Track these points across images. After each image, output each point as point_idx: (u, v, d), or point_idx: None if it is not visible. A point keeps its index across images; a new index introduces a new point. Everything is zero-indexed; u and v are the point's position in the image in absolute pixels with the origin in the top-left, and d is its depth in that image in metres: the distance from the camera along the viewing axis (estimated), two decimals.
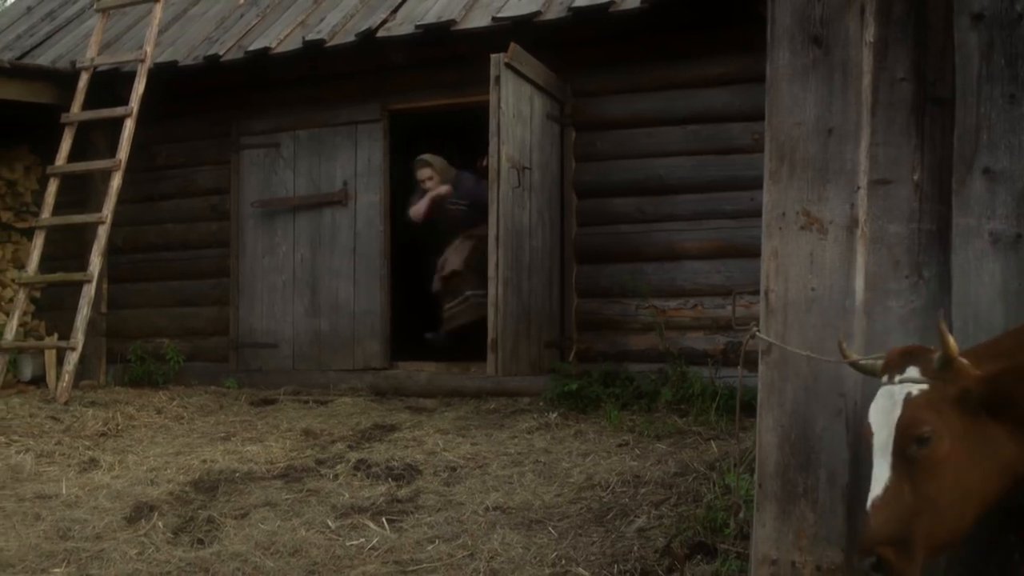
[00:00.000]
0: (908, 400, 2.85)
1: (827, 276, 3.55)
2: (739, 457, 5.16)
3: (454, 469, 6.31)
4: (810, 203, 3.58)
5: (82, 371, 9.70)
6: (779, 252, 3.63)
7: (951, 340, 2.81)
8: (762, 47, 3.75)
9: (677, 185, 8.43)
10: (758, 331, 3.60)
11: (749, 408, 3.80)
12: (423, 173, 9.32)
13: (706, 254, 8.31)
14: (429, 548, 4.93)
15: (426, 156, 9.47)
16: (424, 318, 10.36)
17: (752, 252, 7.78)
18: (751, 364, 3.76)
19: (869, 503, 2.82)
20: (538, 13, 8.38)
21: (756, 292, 3.75)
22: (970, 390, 2.79)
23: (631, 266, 8.50)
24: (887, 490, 2.79)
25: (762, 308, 3.66)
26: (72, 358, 8.95)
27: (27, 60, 11.31)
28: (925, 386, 2.84)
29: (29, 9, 13.29)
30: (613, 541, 4.89)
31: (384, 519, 5.37)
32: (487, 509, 5.46)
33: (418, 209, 9.45)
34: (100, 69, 10.20)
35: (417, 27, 8.78)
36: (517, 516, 5.33)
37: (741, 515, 4.42)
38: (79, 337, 9.03)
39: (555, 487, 5.81)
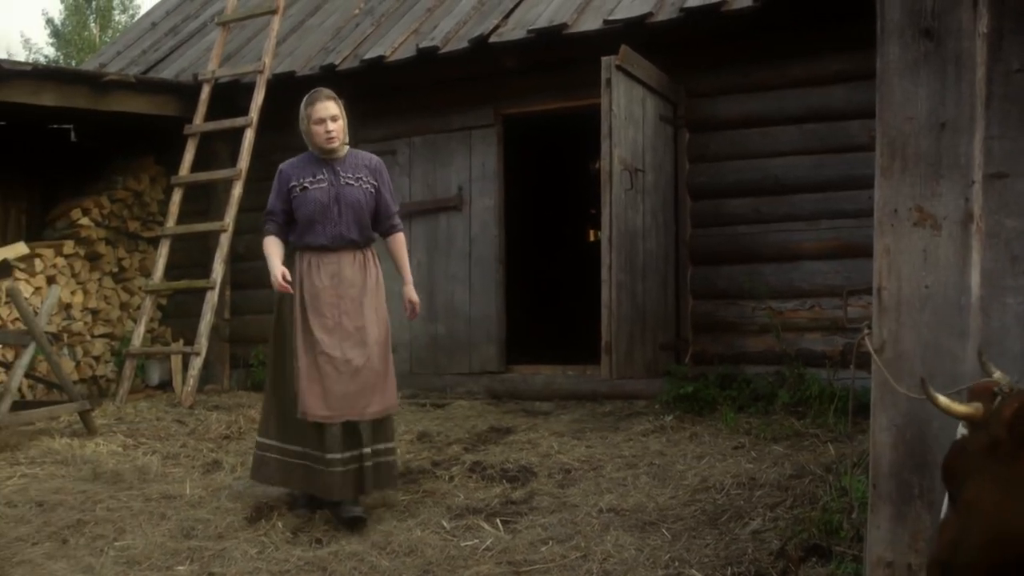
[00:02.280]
0: (951, 446, 2.87)
1: (941, 273, 3.48)
2: (855, 458, 5.08)
3: (568, 471, 6.32)
4: (923, 199, 3.52)
5: (206, 376, 9.93)
6: (891, 249, 3.57)
7: (997, 375, 2.78)
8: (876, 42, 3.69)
9: (794, 185, 8.32)
10: (870, 330, 3.54)
11: (867, 409, 3.75)
12: (330, 109, 5.55)
13: (824, 254, 8.19)
14: (543, 549, 4.93)
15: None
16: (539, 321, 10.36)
17: (871, 251, 7.70)
18: (867, 365, 3.71)
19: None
20: (649, 15, 8.36)
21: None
22: (999, 439, 2.71)
23: (747, 267, 8.42)
24: (945, 519, 2.86)
25: (875, 306, 3.60)
26: (196, 363, 9.18)
27: (152, 74, 11.64)
28: (965, 432, 2.82)
29: (154, 24, 13.67)
30: (727, 543, 4.85)
31: (498, 520, 5.39)
32: (601, 511, 5.46)
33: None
34: (221, 81, 10.46)
35: (529, 32, 8.82)
36: (631, 518, 5.31)
37: (855, 516, 4.35)
38: (203, 343, 9.25)
39: (669, 489, 5.79)
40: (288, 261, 5.54)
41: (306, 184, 5.51)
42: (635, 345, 7.84)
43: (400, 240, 5.85)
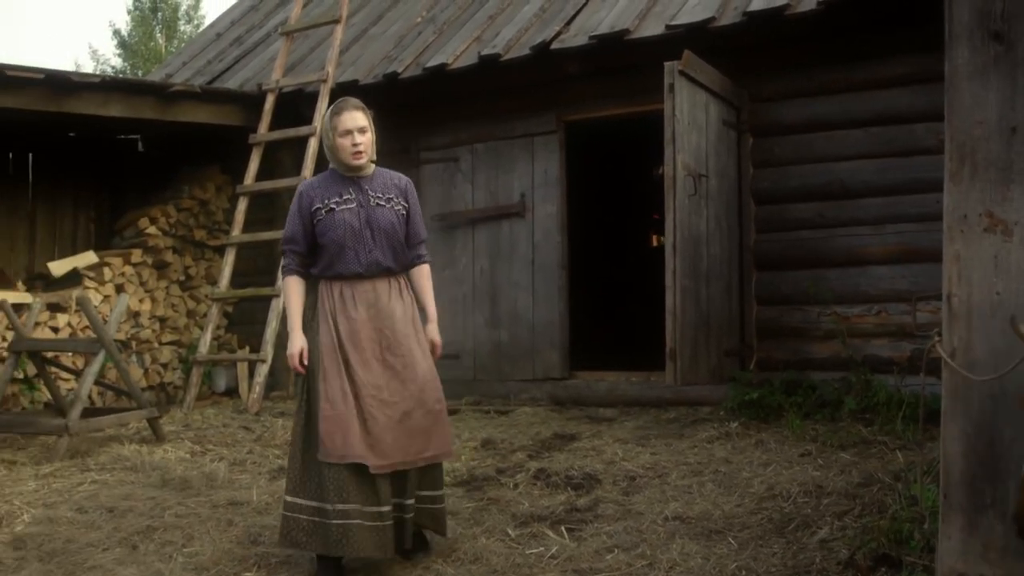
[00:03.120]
0: None
1: (1013, 279, 3.42)
2: (925, 466, 5.01)
3: (633, 478, 6.28)
4: (993, 204, 3.46)
5: (271, 382, 10.01)
6: (961, 255, 3.51)
7: None
8: (943, 45, 3.64)
9: (859, 189, 8.26)
10: (940, 338, 3.49)
11: (937, 417, 3.69)
12: (357, 120, 4.85)
13: (890, 259, 8.12)
14: (608, 557, 4.90)
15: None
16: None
17: (939, 256, 7.57)
18: (937, 371, 3.66)
19: None
20: (712, 19, 8.33)
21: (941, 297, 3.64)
22: None
23: (812, 272, 8.36)
24: None
25: (944, 313, 3.55)
26: (262, 370, 9.26)
27: (217, 84, 11.76)
28: None
29: (219, 35, 13.82)
30: (794, 552, 4.79)
31: (563, 528, 5.37)
32: (666, 519, 5.42)
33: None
34: (285, 90, 10.56)
35: (591, 38, 8.82)
36: (696, 526, 5.27)
37: (926, 526, 4.29)
38: (268, 350, 9.33)
39: (735, 497, 5.74)
40: (311, 296, 4.91)
41: (332, 206, 4.80)
42: (700, 351, 7.80)
43: (426, 272, 5.08)
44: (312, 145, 9.92)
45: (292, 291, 4.92)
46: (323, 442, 4.63)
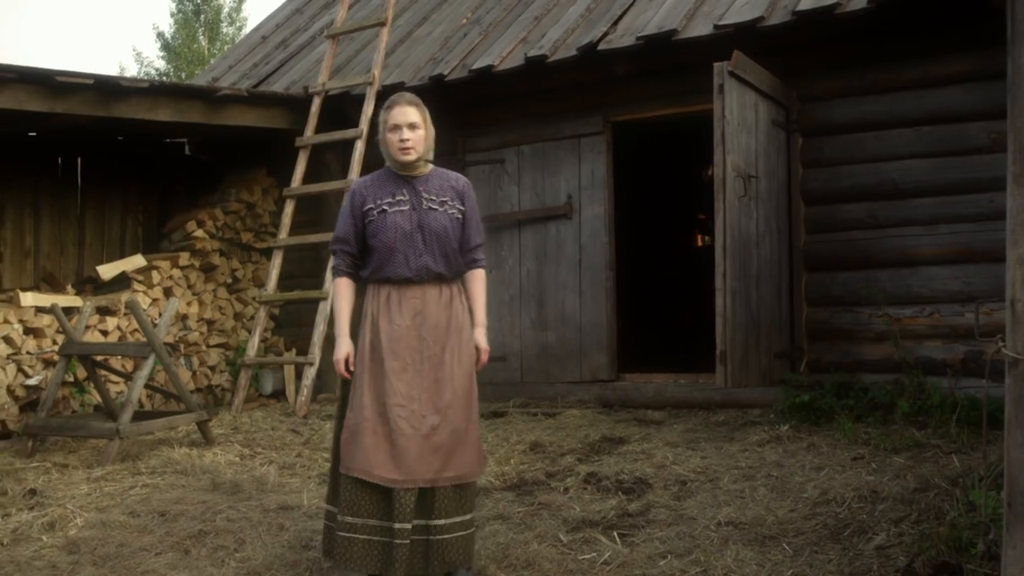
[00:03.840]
0: None
1: None
2: (985, 472, 4.93)
3: (684, 483, 6.24)
4: None
5: (318, 385, 10.03)
6: None
7: None
8: (998, 43, 3.57)
9: (911, 189, 8.16)
10: (1004, 345, 3.42)
11: (993, 420, 3.63)
12: (408, 115, 4.67)
13: (943, 259, 8.03)
14: (661, 563, 4.87)
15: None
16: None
17: (993, 256, 7.51)
18: (995, 374, 3.59)
19: None
20: (761, 19, 8.26)
21: (998, 299, 3.57)
22: None
23: (863, 273, 8.29)
24: None
25: (1008, 318, 3.48)
26: (310, 373, 9.28)
27: (263, 87, 11.82)
28: None
29: (264, 38, 13.88)
30: (851, 559, 4.73)
31: (615, 533, 5.33)
32: (719, 524, 5.37)
33: None
34: (331, 93, 10.58)
35: (638, 38, 8.77)
36: (750, 532, 5.22)
37: (991, 536, 4.22)
38: (316, 352, 9.36)
39: (789, 502, 5.68)
40: (359, 299, 4.77)
41: (384, 206, 4.64)
42: (750, 354, 7.74)
43: (480, 277, 4.86)
44: (359, 148, 9.94)
45: (341, 293, 4.81)
46: (341, 451, 4.58)
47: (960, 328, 7.88)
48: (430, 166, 4.74)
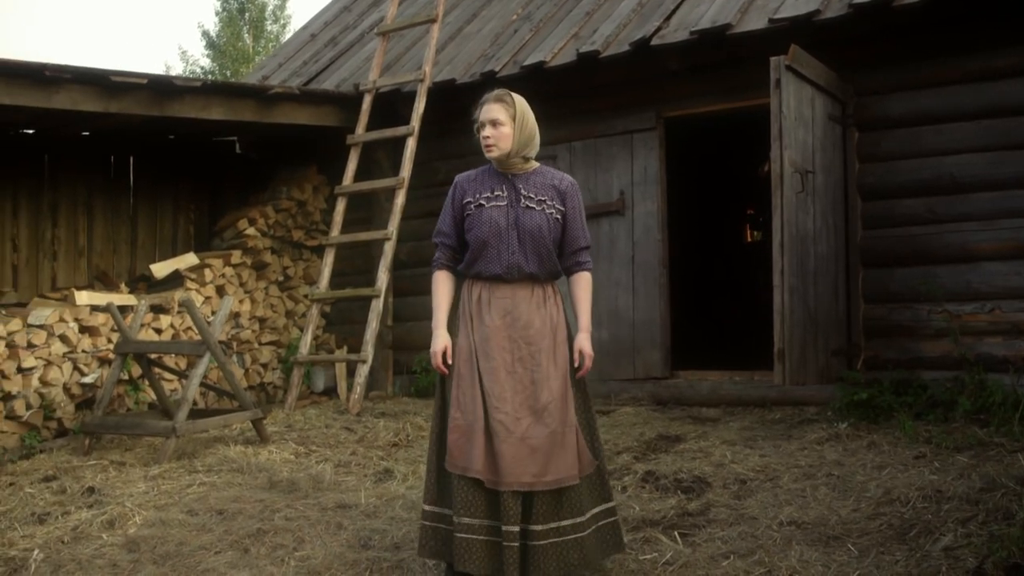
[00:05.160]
0: None
1: None
2: None
3: (744, 482, 6.18)
4: None
5: (370, 382, 10.03)
6: None
7: None
8: None
9: (970, 183, 8.05)
10: None
11: None
12: (491, 112, 4.68)
13: (1004, 255, 7.91)
14: (724, 564, 4.82)
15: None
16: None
17: None
18: None
19: None
20: (817, 12, 8.17)
21: None
22: None
23: (921, 269, 8.18)
24: None
25: None
26: (363, 370, 9.28)
27: (313, 85, 11.85)
28: None
29: (313, 36, 13.91)
30: (918, 560, 4.66)
31: (676, 533, 5.29)
32: (781, 524, 5.32)
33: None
34: (382, 91, 10.57)
35: (692, 33, 8.70)
36: (813, 532, 5.16)
37: None
38: (369, 350, 9.36)
39: (851, 502, 5.61)
40: (456, 294, 4.77)
41: (482, 201, 4.64)
42: (808, 351, 7.66)
43: (584, 281, 4.79)
44: (410, 145, 9.93)
45: (439, 286, 4.79)
46: (450, 451, 4.50)
47: (1021, 324, 7.76)
48: (534, 164, 4.73)
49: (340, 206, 10.33)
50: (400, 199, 9.82)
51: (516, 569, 4.34)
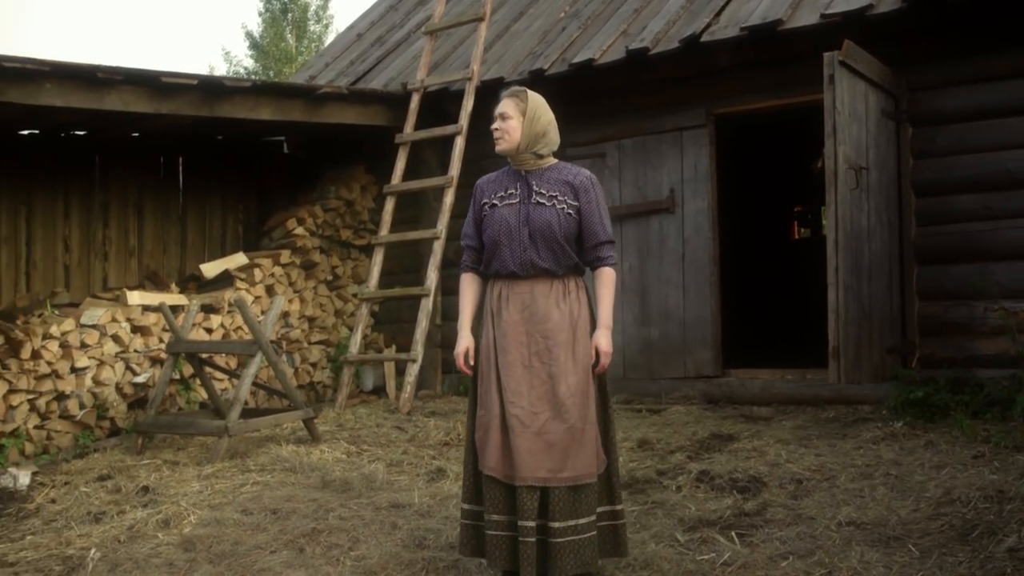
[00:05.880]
0: None
1: None
2: None
3: (800, 481, 6.12)
4: None
5: (419, 381, 10.02)
6: None
7: None
8: None
9: None
10: None
11: None
12: (502, 106, 4.78)
13: None
14: (783, 564, 4.77)
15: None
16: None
17: None
18: None
19: None
20: (870, 6, 8.09)
21: None
22: None
23: (977, 266, 8.07)
24: None
25: None
26: (413, 370, 9.28)
27: (360, 85, 11.86)
28: None
29: (359, 36, 13.92)
30: (982, 562, 4.59)
31: (733, 533, 5.24)
32: (840, 524, 5.26)
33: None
34: (430, 89, 10.57)
35: (742, 29, 8.63)
36: (873, 532, 5.10)
37: None
38: (419, 349, 9.35)
39: (910, 502, 5.54)
40: (483, 295, 4.83)
41: (495, 201, 4.70)
42: (863, 349, 7.58)
43: (605, 276, 4.72)
44: (459, 143, 9.92)
45: (464, 288, 4.88)
46: (478, 449, 4.57)
47: None
48: (550, 161, 4.76)
49: (389, 205, 10.34)
50: (449, 198, 9.82)
51: (533, 565, 4.34)
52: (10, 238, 9.87)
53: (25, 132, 10.06)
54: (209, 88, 9.00)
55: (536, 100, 4.72)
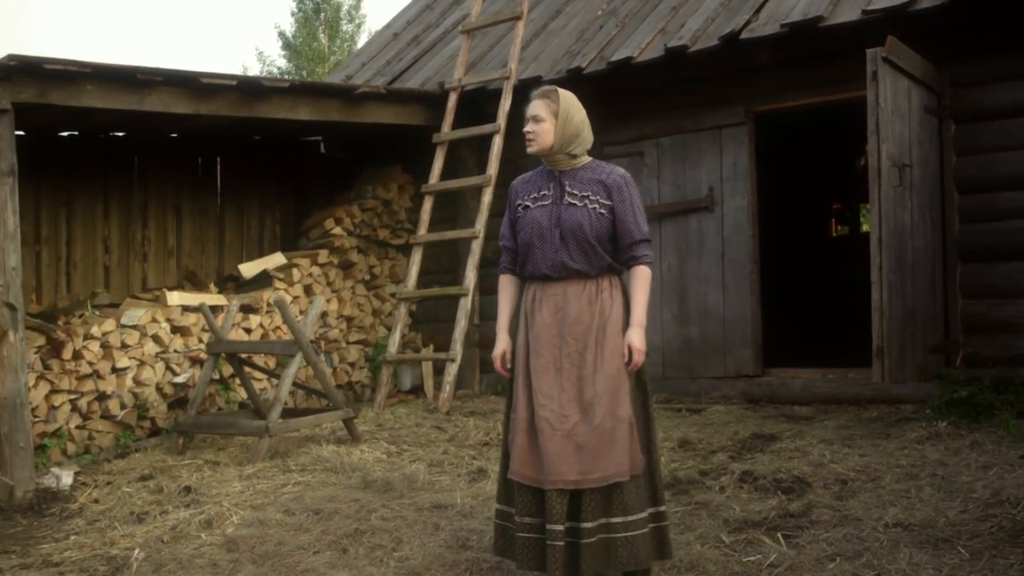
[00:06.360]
0: None
1: None
2: None
3: (845, 482, 6.07)
4: None
5: (458, 381, 10.01)
6: None
7: None
8: None
9: None
10: None
11: None
12: (533, 108, 4.68)
13: None
14: (831, 566, 4.73)
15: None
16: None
17: None
18: None
19: None
20: (912, 2, 8.01)
21: None
22: None
23: (1022, 263, 7.97)
24: None
25: None
26: (452, 369, 9.27)
27: (397, 84, 11.87)
28: None
29: (395, 35, 13.93)
30: None
31: (779, 534, 5.20)
32: (887, 525, 5.20)
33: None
34: (467, 88, 10.55)
35: (783, 26, 8.56)
36: (921, 534, 5.04)
37: None
38: (457, 348, 9.35)
39: (958, 503, 5.48)
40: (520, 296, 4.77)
41: (528, 203, 4.65)
42: (906, 348, 7.51)
43: (640, 274, 4.62)
44: (496, 143, 9.91)
45: (502, 290, 4.85)
46: (509, 452, 4.56)
47: None
48: (584, 160, 4.67)
49: (427, 204, 10.33)
50: (488, 197, 9.80)
51: (560, 568, 4.28)
52: (51, 239, 9.95)
53: (65, 134, 10.12)
54: (248, 88, 9.02)
55: (568, 100, 4.64)
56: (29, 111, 7.80)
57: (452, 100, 10.50)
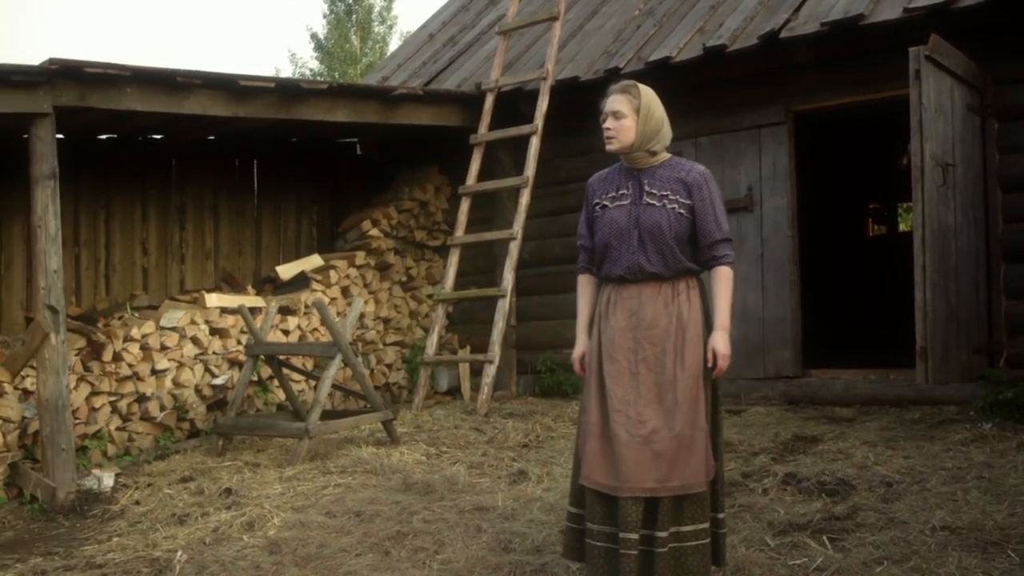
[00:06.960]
0: None
1: None
2: None
3: (890, 484, 6.00)
4: None
5: (495, 382, 9.98)
6: None
7: None
8: None
9: None
10: None
11: None
12: (613, 103, 4.55)
13: None
14: (878, 570, 4.68)
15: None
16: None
17: None
18: None
19: None
20: (955, 0, 7.92)
21: None
22: None
23: None
24: None
25: None
26: (490, 371, 9.26)
27: (433, 85, 11.87)
28: None
29: (431, 36, 13.93)
30: None
31: (825, 537, 5.15)
32: (934, 529, 5.14)
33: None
34: (504, 89, 10.53)
35: (823, 24, 8.50)
36: (969, 537, 4.98)
37: None
38: (495, 350, 9.33)
39: (1006, 506, 5.41)
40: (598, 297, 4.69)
41: (606, 202, 4.57)
42: (950, 349, 7.44)
43: (722, 275, 4.48)
44: (534, 143, 9.88)
45: (580, 290, 4.80)
46: (582, 457, 4.46)
47: None
48: (663, 157, 4.56)
49: (464, 206, 10.32)
50: (525, 198, 9.77)
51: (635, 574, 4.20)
52: (89, 241, 10.01)
53: (103, 137, 10.17)
54: (286, 90, 9.04)
55: (649, 95, 4.53)
56: (69, 114, 7.84)
57: (489, 101, 10.48)
